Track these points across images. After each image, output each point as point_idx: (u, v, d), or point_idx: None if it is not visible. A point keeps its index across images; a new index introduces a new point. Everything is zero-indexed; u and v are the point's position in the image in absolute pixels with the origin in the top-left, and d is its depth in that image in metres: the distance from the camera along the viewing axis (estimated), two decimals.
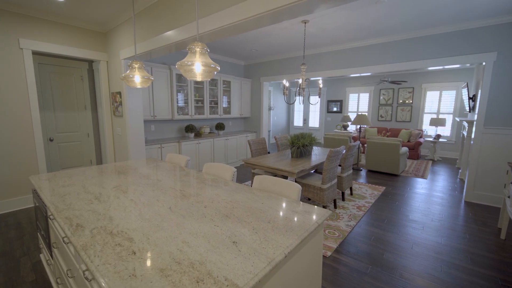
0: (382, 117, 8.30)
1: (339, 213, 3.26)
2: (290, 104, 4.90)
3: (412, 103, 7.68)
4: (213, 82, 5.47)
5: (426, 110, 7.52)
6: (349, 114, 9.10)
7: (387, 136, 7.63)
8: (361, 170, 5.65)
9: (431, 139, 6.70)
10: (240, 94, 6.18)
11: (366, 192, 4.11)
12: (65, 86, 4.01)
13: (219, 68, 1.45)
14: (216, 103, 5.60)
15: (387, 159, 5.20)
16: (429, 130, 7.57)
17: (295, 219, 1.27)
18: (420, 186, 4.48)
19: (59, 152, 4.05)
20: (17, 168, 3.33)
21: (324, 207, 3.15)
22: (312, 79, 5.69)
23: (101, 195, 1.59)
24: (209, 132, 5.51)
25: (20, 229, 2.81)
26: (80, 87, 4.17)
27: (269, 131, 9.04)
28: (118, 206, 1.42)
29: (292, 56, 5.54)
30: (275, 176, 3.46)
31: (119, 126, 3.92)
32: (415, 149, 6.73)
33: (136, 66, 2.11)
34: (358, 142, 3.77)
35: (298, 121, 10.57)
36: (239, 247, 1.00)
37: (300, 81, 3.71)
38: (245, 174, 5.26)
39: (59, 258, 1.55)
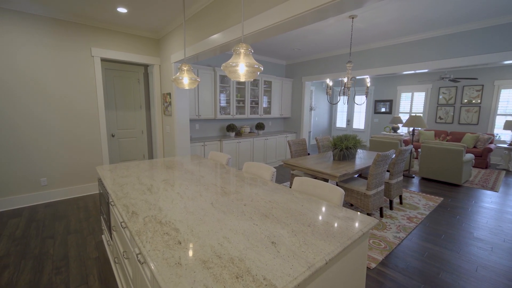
0: (441, 118, 7.36)
1: (386, 222, 2.99)
2: (333, 104, 4.69)
3: (480, 103, 6.63)
4: (254, 83, 5.56)
5: (499, 111, 6.42)
6: (400, 115, 8.30)
7: (446, 141, 6.74)
8: (413, 177, 5.10)
9: (505, 145, 5.69)
10: (281, 94, 6.15)
11: (419, 202, 3.70)
12: (125, 88, 4.53)
13: (262, 69, 1.46)
14: (257, 103, 5.68)
15: (446, 166, 4.59)
16: (503, 135, 6.44)
17: (337, 225, 1.20)
18: (489, 199, 3.83)
19: (119, 146, 4.59)
20: (86, 159, 3.88)
21: (368, 214, 2.93)
22: (358, 77, 5.35)
23: (152, 187, 1.74)
24: (249, 132, 5.61)
25: (87, 212, 3.27)
26: (137, 89, 4.66)
27: (309, 132, 8.81)
28: (166, 198, 1.54)
29: (337, 54, 5.28)
30: (315, 178, 3.35)
31: (168, 124, 4.27)
32: (483, 157, 5.80)
33: (185, 68, 2.25)
34: (410, 146, 3.41)
35: (341, 122, 10.06)
36: (277, 248, 0.99)
37: (345, 80, 3.52)
38: (283, 174, 5.21)
39: (117, 240, 1.75)
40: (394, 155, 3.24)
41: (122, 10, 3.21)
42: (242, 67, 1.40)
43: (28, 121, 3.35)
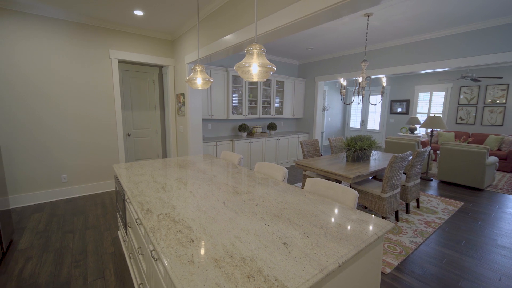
0: (462, 119, 7.03)
1: (402, 226, 2.89)
2: (347, 104, 4.60)
3: (505, 103, 6.28)
4: (267, 83, 5.55)
5: None
6: (418, 115, 8.01)
7: (468, 142, 6.42)
8: (431, 180, 4.91)
9: None
10: (293, 94, 6.10)
11: (437, 206, 3.55)
12: (140, 89, 4.66)
13: (275, 69, 1.45)
14: (269, 103, 5.66)
15: (467, 169, 4.38)
16: None
17: (351, 227, 1.18)
18: None
19: (134, 145, 4.73)
20: (103, 157, 4.02)
21: (383, 218, 2.84)
22: (373, 77, 5.22)
23: (166, 185, 1.78)
24: (261, 132, 5.61)
25: (104, 208, 3.39)
26: (152, 90, 4.78)
27: (322, 132, 8.68)
28: (179, 196, 1.56)
29: (352, 53, 5.18)
30: (328, 180, 3.29)
31: (181, 124, 4.35)
32: (508, 160, 5.49)
33: (199, 69, 2.28)
34: (428, 148, 3.28)
35: (355, 123, 9.84)
36: (289, 249, 0.98)
37: (360, 79, 3.44)
38: (295, 175, 5.17)
39: (132, 236, 1.80)
40: (411, 157, 3.13)
41: (138, 13, 3.30)
42: (255, 67, 1.40)
43: (50, 120, 3.52)
